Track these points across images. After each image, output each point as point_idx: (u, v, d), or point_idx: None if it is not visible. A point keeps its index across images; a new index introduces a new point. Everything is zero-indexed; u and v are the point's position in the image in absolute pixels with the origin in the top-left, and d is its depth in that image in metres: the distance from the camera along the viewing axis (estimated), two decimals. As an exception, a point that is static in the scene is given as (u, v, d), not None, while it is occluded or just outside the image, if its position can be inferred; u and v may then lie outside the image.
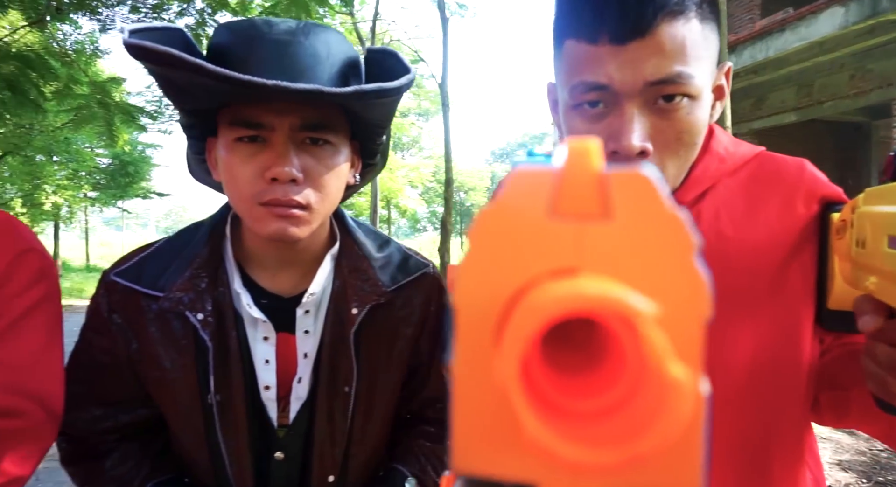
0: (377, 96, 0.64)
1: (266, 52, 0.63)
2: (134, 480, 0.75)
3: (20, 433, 0.61)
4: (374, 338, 0.77)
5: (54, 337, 0.67)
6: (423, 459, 0.82)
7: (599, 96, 0.57)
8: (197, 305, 0.71)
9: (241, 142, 0.65)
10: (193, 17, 5.08)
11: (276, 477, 0.76)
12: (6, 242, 0.65)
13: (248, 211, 0.66)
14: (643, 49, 0.54)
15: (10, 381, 0.61)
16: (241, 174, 0.65)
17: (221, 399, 0.72)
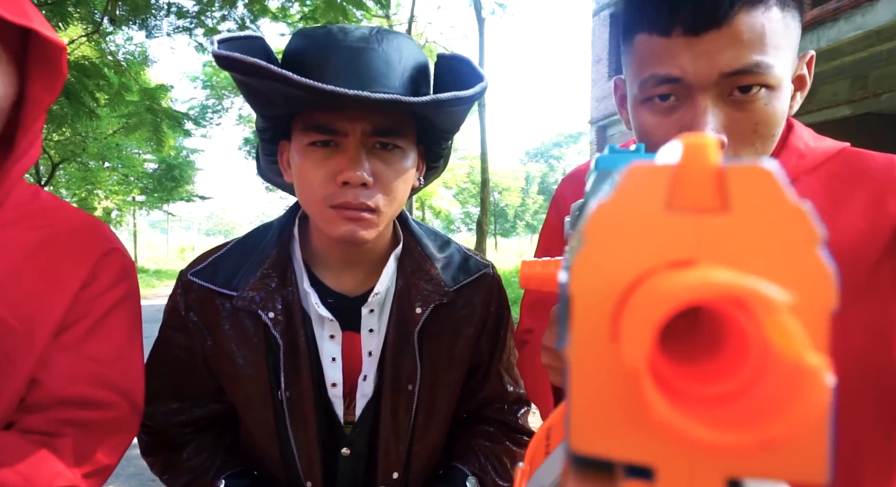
0: (452, 104, 0.65)
1: (341, 59, 0.65)
2: (209, 471, 0.78)
3: (108, 424, 0.65)
4: (436, 337, 0.79)
5: (135, 334, 0.71)
6: (483, 459, 0.83)
7: (671, 89, 0.57)
8: (268, 304, 0.74)
9: (315, 146, 0.68)
10: (235, 22, 5.23)
11: (343, 473, 0.78)
12: (92, 243, 0.69)
13: (319, 213, 0.69)
14: (719, 40, 0.53)
15: (98, 375, 0.64)
16: (314, 177, 0.67)
17: (291, 395, 0.74)
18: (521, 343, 0.84)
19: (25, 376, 0.61)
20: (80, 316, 0.65)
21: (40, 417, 0.61)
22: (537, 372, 0.70)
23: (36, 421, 0.60)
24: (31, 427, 0.60)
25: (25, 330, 0.61)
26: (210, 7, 5.20)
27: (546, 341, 0.53)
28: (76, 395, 0.62)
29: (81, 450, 0.61)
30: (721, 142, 0.55)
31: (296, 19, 6.83)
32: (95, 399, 0.64)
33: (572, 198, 0.78)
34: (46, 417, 0.61)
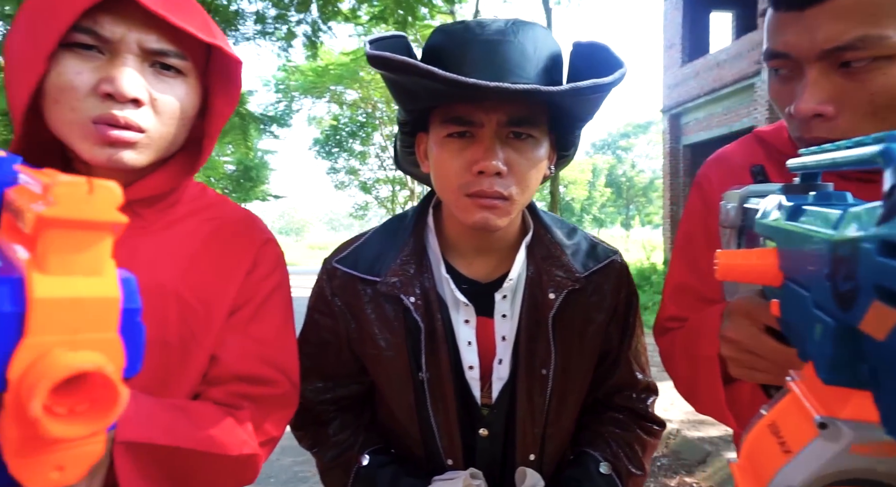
0: (590, 92, 0.66)
1: (478, 52, 0.68)
2: (354, 446, 0.83)
3: (274, 399, 0.71)
4: (567, 323, 0.80)
5: (289, 317, 0.76)
6: (614, 445, 0.84)
7: (780, 64, 0.58)
8: (408, 289, 0.78)
9: (452, 137, 0.71)
10: (308, 25, 5.44)
11: (482, 452, 0.81)
12: (253, 233, 0.75)
13: (455, 201, 0.72)
14: (821, 14, 0.53)
15: (263, 354, 0.70)
16: (451, 167, 0.71)
17: (430, 376, 0.78)
18: (664, 330, 0.83)
19: (207, 352, 0.67)
20: (246, 299, 0.71)
21: (221, 390, 0.67)
22: (699, 364, 0.69)
23: (218, 394, 0.67)
24: (215, 398, 0.67)
25: (205, 310, 0.67)
26: (287, 11, 5.43)
27: (730, 333, 0.53)
28: (248, 372, 0.69)
29: (257, 422, 0.68)
30: (820, 111, 0.56)
31: (363, 21, 6.99)
32: (263, 376, 0.70)
33: (718, 182, 0.77)
34: (226, 390, 0.67)
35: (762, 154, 0.76)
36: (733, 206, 0.52)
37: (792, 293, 0.32)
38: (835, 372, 0.27)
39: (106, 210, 0.27)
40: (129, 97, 0.58)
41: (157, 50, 0.61)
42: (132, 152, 0.61)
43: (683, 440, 3.20)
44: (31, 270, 0.27)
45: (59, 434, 0.26)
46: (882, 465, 0.27)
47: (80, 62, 0.58)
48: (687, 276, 0.81)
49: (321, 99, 17.82)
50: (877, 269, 0.20)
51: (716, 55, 10.26)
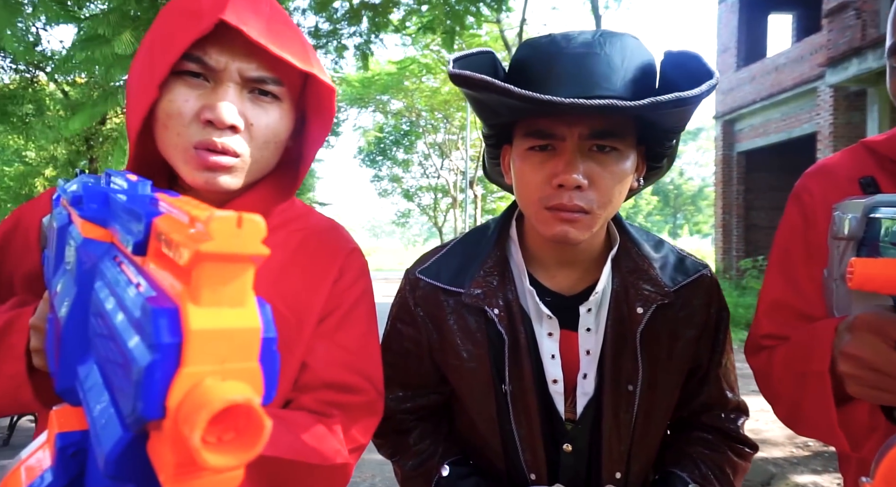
0: (673, 106, 0.65)
1: (563, 67, 0.68)
2: (434, 456, 0.83)
3: (361, 406, 0.71)
4: (655, 338, 0.78)
5: (373, 325, 0.77)
6: (703, 467, 0.81)
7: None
8: (492, 301, 0.77)
9: (533, 151, 0.71)
10: (361, 37, 5.57)
11: (566, 468, 0.79)
12: (339, 243, 0.77)
13: (536, 214, 0.72)
14: None
15: (349, 362, 0.71)
16: (532, 180, 0.71)
17: (513, 389, 0.77)
18: (759, 348, 0.79)
19: (298, 359, 0.69)
20: (333, 307, 0.72)
21: (311, 397, 0.68)
22: (808, 381, 0.65)
23: (308, 401, 0.68)
24: (306, 406, 0.68)
25: (296, 320, 0.69)
26: (339, 24, 5.58)
27: (853, 350, 0.51)
28: (335, 379, 0.69)
29: (346, 430, 0.68)
30: None
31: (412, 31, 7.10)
32: (351, 384, 0.70)
33: (822, 194, 0.73)
34: (316, 398, 0.68)
35: (872, 164, 0.72)
36: (854, 217, 0.50)
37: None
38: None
39: (253, 243, 0.28)
40: (227, 124, 0.61)
41: (256, 78, 0.63)
42: (228, 176, 0.64)
43: (743, 461, 3.05)
44: (186, 302, 0.28)
45: (214, 464, 0.26)
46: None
47: (188, 90, 0.61)
48: (785, 292, 0.77)
49: (367, 108, 18.18)
50: None
51: (774, 59, 9.90)
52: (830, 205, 0.59)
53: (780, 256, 0.79)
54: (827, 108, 8.27)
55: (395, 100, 17.70)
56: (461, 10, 5.28)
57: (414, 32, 6.83)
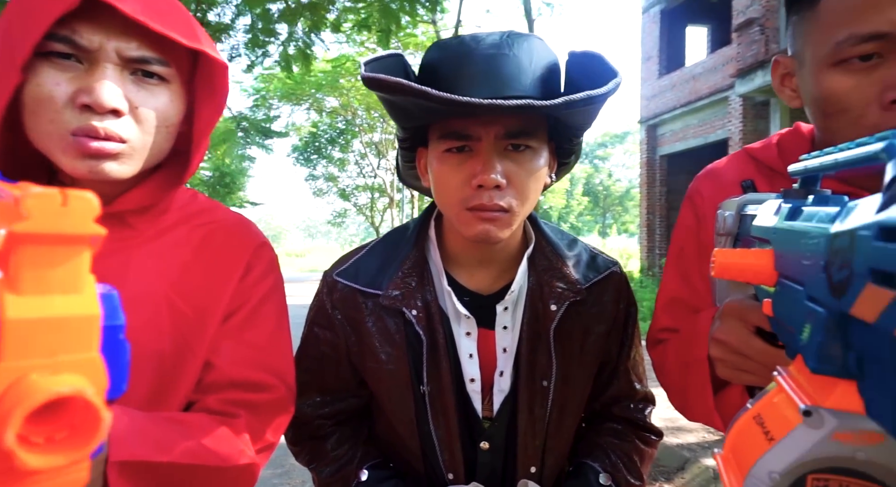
0: (584, 104, 0.66)
1: (474, 67, 0.68)
2: (353, 461, 0.82)
3: (271, 405, 0.69)
4: (568, 335, 0.80)
5: (283, 320, 0.75)
6: (613, 456, 0.83)
7: (876, 47, 0.54)
8: (410, 302, 0.77)
9: (450, 152, 0.71)
10: (301, 39, 5.42)
11: (483, 466, 0.80)
12: (246, 238, 0.74)
13: (457, 215, 0.72)
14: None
15: (257, 359, 0.69)
16: (451, 182, 0.71)
17: (432, 390, 0.77)
18: (657, 341, 0.83)
19: (201, 359, 0.66)
20: (240, 304, 0.70)
21: (216, 398, 0.66)
22: (690, 368, 0.69)
23: (213, 402, 0.66)
24: (210, 407, 0.65)
25: (198, 318, 0.66)
26: (275, 24, 5.41)
27: (721, 335, 0.54)
28: (243, 378, 0.67)
29: (253, 429, 0.66)
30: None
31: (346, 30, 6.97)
32: (259, 381, 0.68)
33: (710, 196, 0.78)
34: (221, 398, 0.66)
35: (752, 169, 0.78)
36: (730, 214, 0.53)
37: (786, 289, 0.34)
38: (823, 361, 0.28)
39: (82, 222, 0.26)
40: (107, 108, 0.56)
41: (137, 57, 0.58)
42: (115, 163, 0.59)
43: (662, 447, 3.23)
44: (3, 290, 0.25)
45: (35, 466, 0.24)
46: (861, 453, 0.28)
47: (57, 72, 0.56)
48: (679, 289, 0.82)
49: (300, 106, 17.72)
50: (873, 253, 0.21)
51: (691, 68, 10.52)
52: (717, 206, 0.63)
53: (676, 254, 0.84)
54: (737, 116, 8.88)
55: (330, 98, 17.36)
56: (396, 8, 5.26)
57: (349, 31, 6.72)
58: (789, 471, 0.29)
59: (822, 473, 0.29)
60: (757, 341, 0.51)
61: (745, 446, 0.33)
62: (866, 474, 0.29)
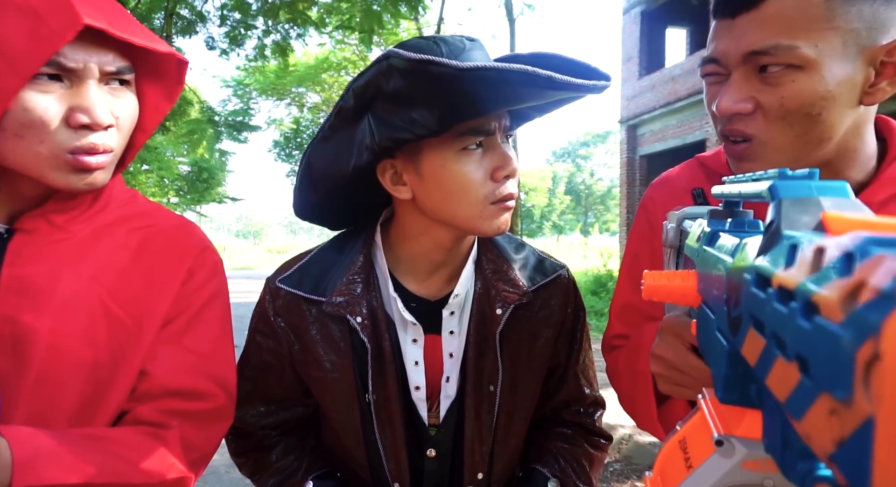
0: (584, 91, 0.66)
1: (469, 57, 0.68)
2: (297, 472, 0.81)
3: (209, 414, 0.68)
4: (515, 339, 0.79)
5: (226, 326, 0.74)
6: (562, 461, 0.84)
7: (713, 69, 0.64)
8: (355, 309, 0.75)
9: (469, 150, 0.69)
10: (280, 33, 5.37)
11: (430, 474, 0.79)
12: (188, 242, 0.73)
13: (480, 212, 0.70)
14: (747, 23, 0.59)
15: (197, 366, 0.68)
16: (475, 178, 0.69)
17: (377, 398, 0.76)
18: (610, 348, 0.84)
19: (136, 368, 0.65)
20: (181, 310, 0.69)
21: (150, 407, 0.65)
22: (636, 378, 0.70)
23: (146, 412, 0.64)
24: (142, 417, 0.64)
25: (136, 325, 0.65)
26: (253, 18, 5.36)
27: (659, 351, 0.55)
28: (180, 386, 0.66)
29: (187, 440, 0.65)
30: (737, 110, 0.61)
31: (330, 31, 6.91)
32: (197, 389, 0.67)
33: (662, 203, 0.79)
34: (155, 407, 0.65)
35: (703, 177, 0.79)
36: (672, 227, 0.54)
37: (704, 315, 0.34)
38: (728, 392, 0.29)
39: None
40: (104, 125, 0.59)
41: (115, 71, 0.61)
42: (102, 172, 0.62)
43: (635, 445, 3.27)
44: None
45: None
46: (769, 480, 0.29)
47: (44, 95, 0.57)
48: (632, 295, 0.82)
49: (281, 101, 17.51)
50: (751, 299, 0.22)
51: (671, 70, 10.64)
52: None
53: (630, 261, 0.85)
54: (715, 118, 9.01)
55: (312, 94, 17.18)
56: (379, 9, 5.24)
57: (333, 29, 6.66)
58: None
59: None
60: (692, 358, 0.52)
61: (670, 471, 0.34)
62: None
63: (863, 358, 0.13)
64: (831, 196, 0.23)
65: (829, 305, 0.15)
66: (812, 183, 0.24)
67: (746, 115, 0.62)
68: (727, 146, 0.66)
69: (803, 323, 0.16)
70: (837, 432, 0.14)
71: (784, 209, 0.23)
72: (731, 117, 0.63)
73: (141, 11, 5.16)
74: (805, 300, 0.16)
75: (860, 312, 0.13)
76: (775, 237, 0.22)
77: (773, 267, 0.20)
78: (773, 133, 0.61)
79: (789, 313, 0.17)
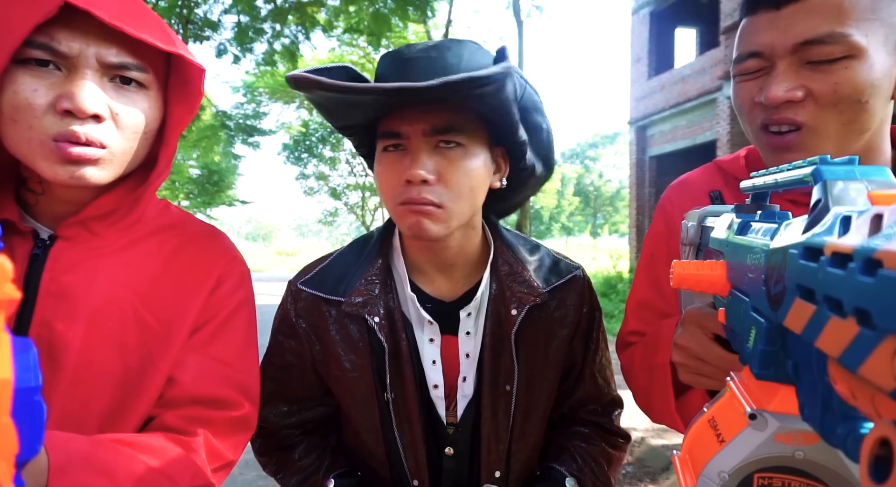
0: (471, 86, 0.63)
1: (399, 69, 0.71)
2: (319, 470, 0.82)
3: (233, 422, 0.69)
4: (531, 339, 0.81)
5: (252, 335, 0.75)
6: (580, 460, 0.84)
7: (754, 64, 0.64)
8: (373, 309, 0.77)
9: (387, 151, 0.73)
10: (289, 37, 5.41)
11: (448, 471, 0.80)
12: (218, 251, 0.74)
13: (393, 210, 0.75)
14: (795, 13, 0.60)
15: (223, 374, 0.69)
16: (387, 179, 0.73)
17: (396, 396, 0.77)
18: (625, 344, 0.85)
19: (164, 375, 0.66)
20: (208, 318, 0.70)
21: (176, 414, 0.65)
22: (653, 371, 0.71)
23: (172, 418, 0.65)
24: (168, 423, 0.65)
25: (165, 332, 0.66)
26: (262, 23, 5.42)
27: (682, 341, 0.56)
28: (206, 394, 0.67)
29: (212, 448, 0.66)
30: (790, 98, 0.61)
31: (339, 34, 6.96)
32: (222, 398, 0.68)
33: (680, 205, 0.81)
34: (181, 414, 0.65)
35: (721, 181, 0.80)
36: (693, 225, 0.55)
37: (736, 300, 0.36)
38: (765, 367, 0.30)
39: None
40: (89, 113, 0.56)
41: (117, 64, 0.59)
42: (95, 169, 0.59)
43: (648, 448, 3.26)
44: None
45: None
46: (800, 452, 0.31)
47: (35, 79, 0.56)
48: (649, 293, 0.84)
49: (290, 104, 17.64)
50: (799, 271, 0.23)
51: (681, 70, 10.60)
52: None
53: (647, 260, 0.86)
54: (725, 118, 8.96)
55: (320, 97, 17.31)
56: (388, 13, 5.28)
57: (343, 32, 6.72)
58: (737, 471, 0.32)
59: (766, 472, 0.32)
60: (715, 347, 0.53)
61: (700, 448, 0.36)
62: (805, 472, 0.31)
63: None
64: (874, 177, 0.25)
65: (892, 257, 0.16)
66: (854, 167, 0.26)
67: (796, 104, 0.62)
68: (770, 138, 0.65)
69: (865, 279, 0.18)
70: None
71: (830, 189, 0.25)
72: (779, 107, 0.63)
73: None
74: (866, 258, 0.18)
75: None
76: (823, 213, 0.24)
77: (825, 238, 0.22)
78: (824, 120, 0.61)
79: (847, 274, 0.19)
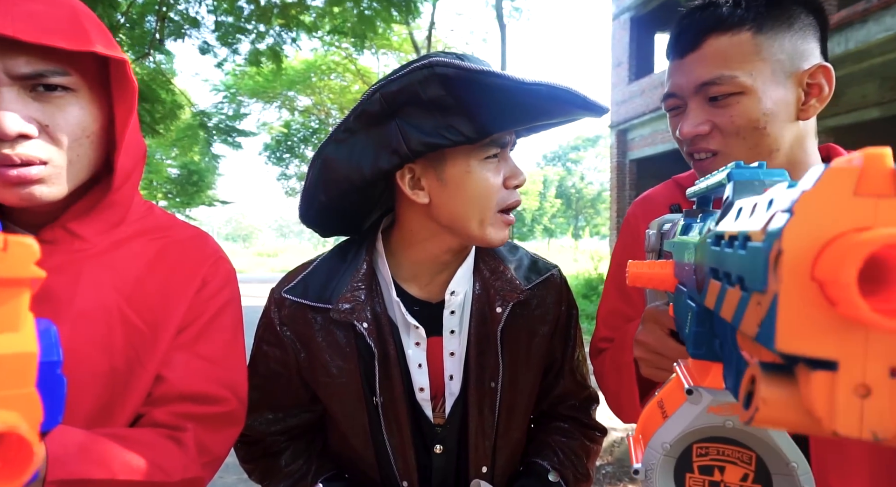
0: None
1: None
2: (307, 476, 0.83)
3: (221, 418, 0.70)
4: (514, 337, 0.83)
5: (238, 333, 0.76)
6: (560, 454, 0.87)
7: (673, 103, 0.77)
8: (361, 315, 0.78)
9: (491, 159, 0.75)
10: (273, 37, 5.40)
11: (437, 470, 0.82)
12: (203, 252, 0.75)
13: (490, 219, 0.76)
14: (693, 61, 0.72)
15: (210, 372, 0.70)
16: (493, 186, 0.76)
17: (384, 400, 0.79)
18: (598, 351, 0.89)
19: (152, 374, 0.67)
20: (194, 318, 0.71)
21: (165, 410, 0.66)
22: (622, 371, 0.76)
23: (161, 415, 0.66)
24: (157, 420, 0.66)
25: (152, 332, 0.67)
26: (246, 23, 5.40)
27: (641, 337, 0.61)
28: (194, 391, 0.68)
29: (201, 443, 0.67)
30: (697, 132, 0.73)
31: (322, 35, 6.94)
32: (210, 394, 0.69)
33: (644, 218, 0.87)
34: (170, 411, 0.66)
35: (679, 195, 0.87)
36: (654, 233, 0.59)
37: (679, 293, 0.40)
38: (698, 347, 0.34)
39: (22, 266, 0.27)
40: (12, 135, 0.54)
41: (30, 73, 0.56)
42: (43, 186, 0.58)
43: (627, 448, 3.31)
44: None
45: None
46: (730, 422, 0.36)
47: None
48: (618, 302, 0.89)
49: (272, 104, 17.50)
50: (710, 255, 0.27)
51: (660, 75, 10.75)
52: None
53: (615, 270, 0.92)
54: (703, 122, 9.13)
55: (302, 97, 17.21)
56: (372, 15, 5.30)
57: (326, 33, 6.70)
58: (678, 441, 0.37)
59: (703, 442, 0.36)
60: (670, 341, 0.58)
61: (649, 426, 0.40)
62: (735, 440, 0.36)
63: (773, 256, 0.19)
64: (774, 178, 0.30)
65: (756, 232, 0.21)
66: (759, 169, 0.31)
67: (706, 135, 0.73)
68: (695, 163, 0.77)
69: (741, 252, 0.22)
70: (760, 315, 0.20)
71: (736, 187, 0.30)
72: (694, 139, 0.74)
73: (132, 15, 5.18)
74: (744, 236, 0.22)
75: (770, 227, 0.20)
76: (729, 207, 0.28)
77: (726, 226, 0.26)
78: (732, 146, 0.72)
79: (733, 250, 0.23)
